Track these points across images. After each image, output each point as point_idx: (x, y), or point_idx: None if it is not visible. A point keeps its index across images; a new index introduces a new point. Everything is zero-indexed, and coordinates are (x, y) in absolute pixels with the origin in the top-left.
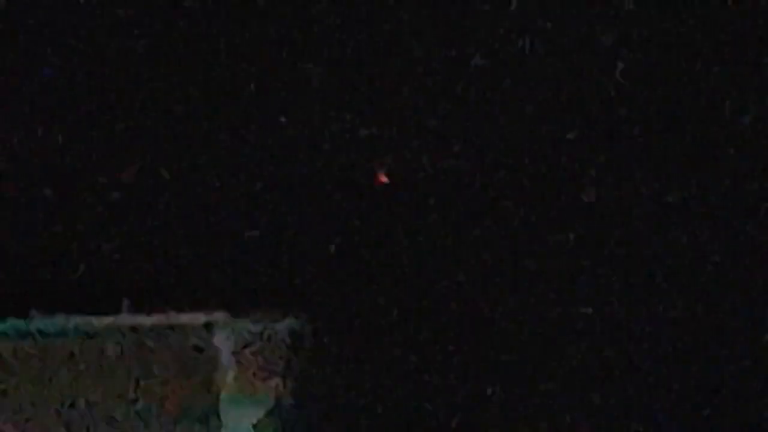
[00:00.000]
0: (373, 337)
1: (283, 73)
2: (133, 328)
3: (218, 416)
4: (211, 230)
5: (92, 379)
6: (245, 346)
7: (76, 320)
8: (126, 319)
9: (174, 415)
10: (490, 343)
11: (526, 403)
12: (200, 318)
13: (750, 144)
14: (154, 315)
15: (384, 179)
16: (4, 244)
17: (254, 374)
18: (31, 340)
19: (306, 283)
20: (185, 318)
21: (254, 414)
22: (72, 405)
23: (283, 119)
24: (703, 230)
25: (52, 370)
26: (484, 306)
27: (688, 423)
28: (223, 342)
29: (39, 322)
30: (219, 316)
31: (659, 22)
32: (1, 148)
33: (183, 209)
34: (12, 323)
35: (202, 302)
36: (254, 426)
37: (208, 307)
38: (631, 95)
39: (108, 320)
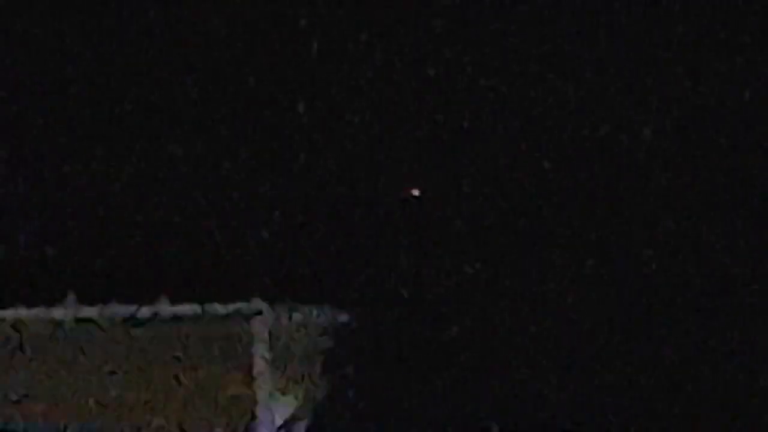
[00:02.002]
0: (408, 335)
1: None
2: (173, 318)
3: (252, 405)
4: (251, 222)
5: (130, 364)
6: (281, 336)
7: (115, 308)
8: (165, 308)
9: (210, 401)
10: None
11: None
12: (238, 307)
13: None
14: (192, 304)
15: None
16: (52, 234)
17: (289, 365)
18: (71, 325)
19: (345, 275)
20: (223, 307)
21: (286, 409)
22: (107, 388)
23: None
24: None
25: (92, 354)
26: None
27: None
28: (259, 331)
29: (78, 309)
30: (256, 305)
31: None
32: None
33: (227, 202)
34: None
35: (240, 292)
36: (286, 421)
37: (246, 296)
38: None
39: (147, 309)
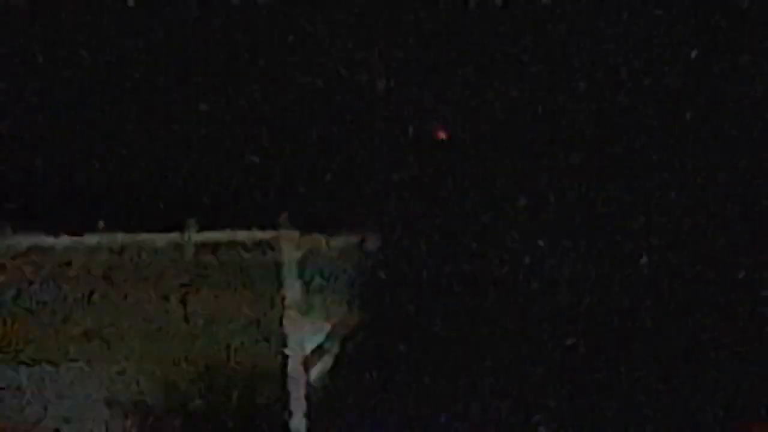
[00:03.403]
0: (438, 260)
1: None
2: (202, 244)
3: (281, 333)
4: (281, 150)
5: (155, 289)
6: (311, 264)
7: (142, 236)
8: (194, 235)
9: (238, 327)
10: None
11: None
12: (268, 234)
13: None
14: (222, 231)
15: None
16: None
17: (318, 293)
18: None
19: (375, 201)
20: (253, 234)
21: (315, 337)
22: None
23: None
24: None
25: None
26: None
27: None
28: (289, 258)
29: (106, 237)
30: (286, 232)
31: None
32: None
33: (256, 131)
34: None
35: (270, 219)
36: (315, 349)
37: (276, 223)
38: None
39: (173, 236)
